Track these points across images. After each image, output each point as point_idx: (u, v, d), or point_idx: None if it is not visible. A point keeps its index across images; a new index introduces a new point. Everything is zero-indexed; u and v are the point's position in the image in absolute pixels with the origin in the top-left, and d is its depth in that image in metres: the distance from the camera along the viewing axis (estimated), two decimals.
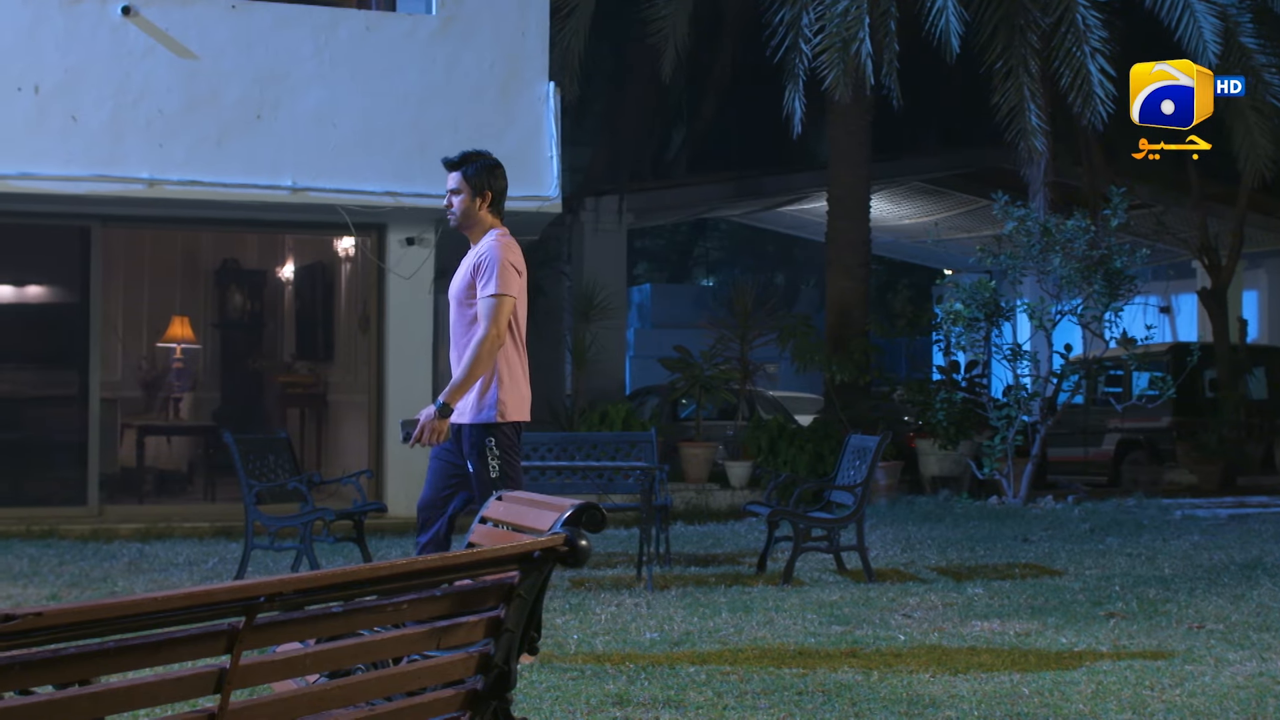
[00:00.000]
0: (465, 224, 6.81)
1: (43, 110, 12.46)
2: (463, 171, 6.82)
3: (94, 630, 2.60)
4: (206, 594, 2.76)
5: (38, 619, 2.43)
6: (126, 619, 2.62)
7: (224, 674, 2.85)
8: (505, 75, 13.49)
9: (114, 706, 2.77)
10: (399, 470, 13.57)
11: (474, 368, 6.52)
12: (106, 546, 11.83)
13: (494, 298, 6.54)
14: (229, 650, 2.84)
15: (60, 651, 2.58)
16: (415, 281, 13.82)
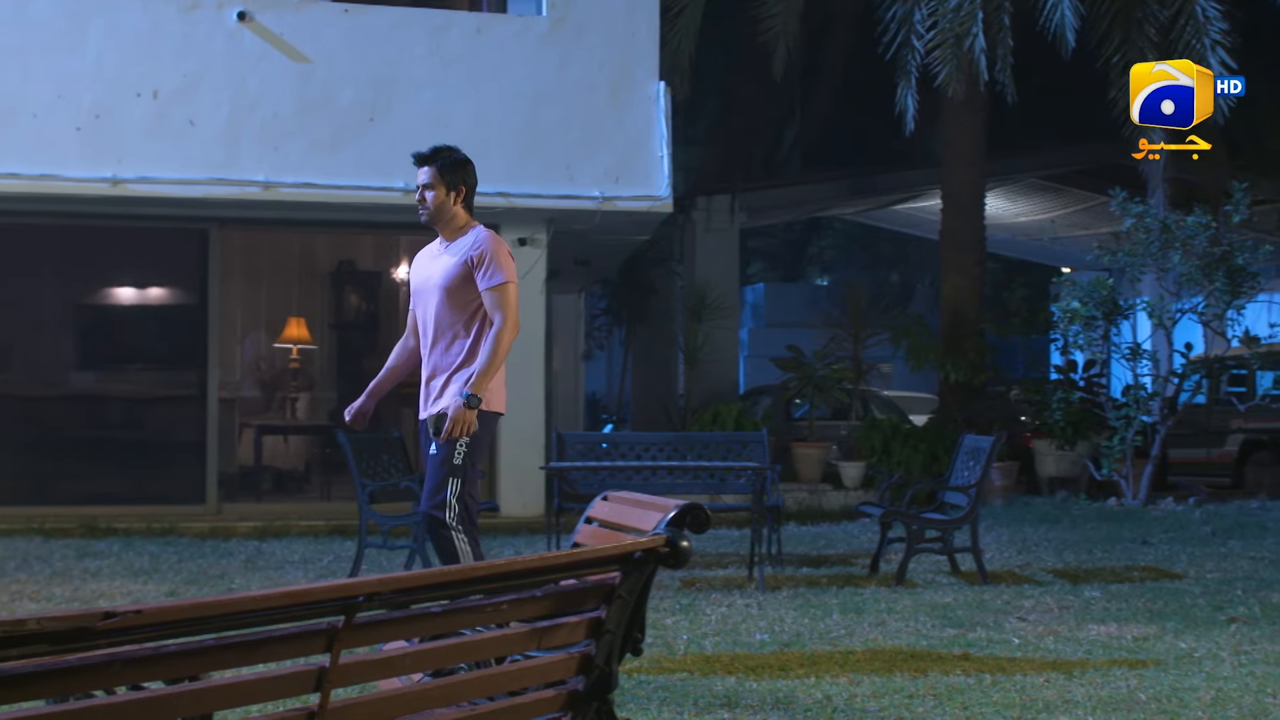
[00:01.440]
0: (438, 219, 6.65)
1: (161, 115, 12.67)
2: (436, 166, 6.66)
3: (193, 628, 2.62)
4: (305, 593, 2.77)
5: (137, 616, 2.45)
6: (225, 617, 2.64)
7: (324, 672, 2.86)
8: (616, 75, 13.49)
9: (216, 703, 2.79)
10: (511, 470, 13.63)
11: (496, 357, 6.40)
12: (224, 544, 11.99)
13: (501, 287, 6.44)
14: (328, 649, 2.85)
15: (161, 649, 2.60)
16: (527, 282, 13.78)
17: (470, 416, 6.37)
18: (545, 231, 13.83)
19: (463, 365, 6.50)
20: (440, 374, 6.57)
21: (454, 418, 6.35)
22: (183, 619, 2.56)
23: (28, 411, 14.22)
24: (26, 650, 2.38)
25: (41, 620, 2.38)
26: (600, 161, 13.38)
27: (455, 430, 6.35)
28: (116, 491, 13.73)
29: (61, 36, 12.58)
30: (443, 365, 6.57)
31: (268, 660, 2.84)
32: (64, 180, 12.46)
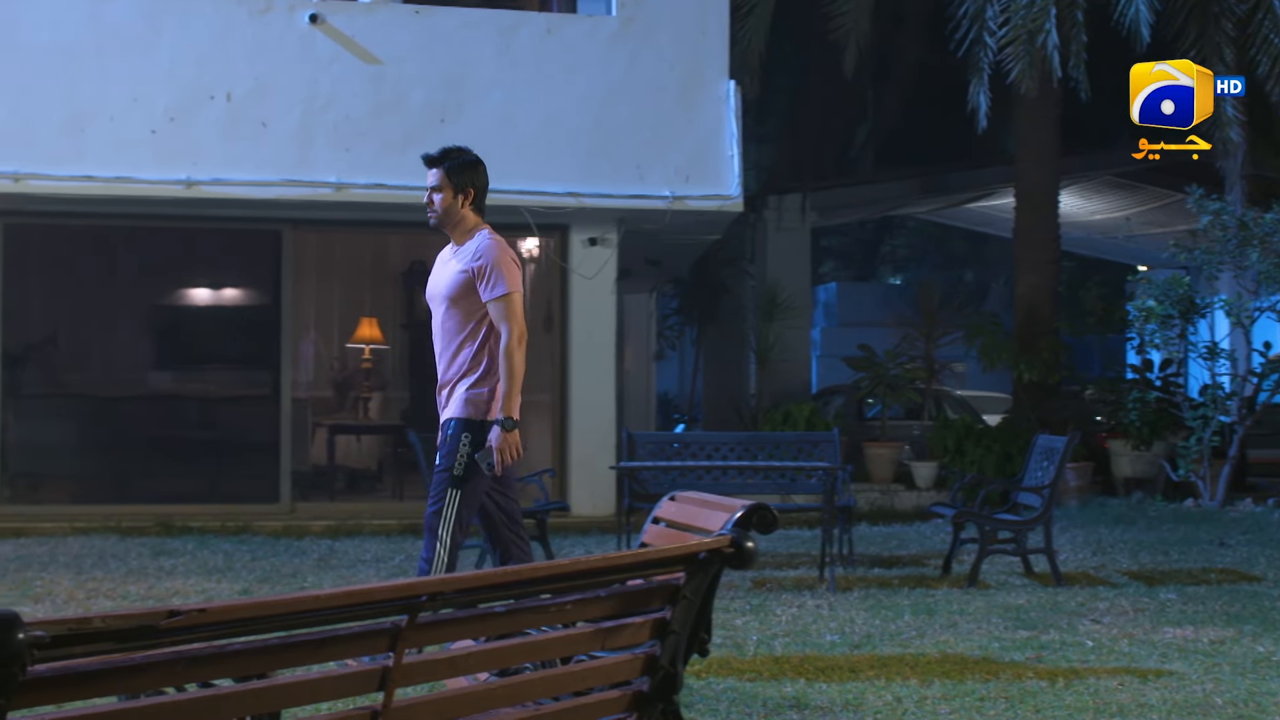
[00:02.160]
0: (447, 222, 6.52)
1: (235, 117, 12.77)
2: (444, 168, 6.53)
3: (256, 627, 2.63)
4: (368, 593, 2.78)
5: (201, 615, 2.46)
6: (289, 616, 2.64)
7: (387, 672, 2.86)
8: (686, 75, 13.47)
9: (281, 702, 2.80)
10: (582, 470, 13.64)
11: (514, 371, 6.25)
12: (297, 543, 12.07)
13: (505, 297, 6.27)
14: (392, 648, 2.85)
15: (226, 647, 2.61)
16: (598, 282, 13.87)
17: (513, 440, 6.27)
18: (616, 231, 13.84)
19: (466, 374, 6.36)
20: (447, 385, 6.45)
21: (499, 448, 6.22)
22: (246, 618, 2.57)
23: (105, 412, 14.39)
24: (92, 648, 2.40)
25: (106, 618, 2.39)
26: (670, 161, 13.37)
27: (505, 457, 6.25)
28: (192, 490, 13.86)
29: (136, 41, 12.72)
30: (449, 375, 6.44)
31: (332, 659, 2.85)
32: (139, 182, 12.59)
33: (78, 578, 9.86)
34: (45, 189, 12.53)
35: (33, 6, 12.63)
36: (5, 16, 12.57)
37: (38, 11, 12.62)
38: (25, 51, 12.50)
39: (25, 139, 12.43)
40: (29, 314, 14.01)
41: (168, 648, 2.52)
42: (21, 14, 12.60)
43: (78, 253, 14.24)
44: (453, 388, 6.39)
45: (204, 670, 2.62)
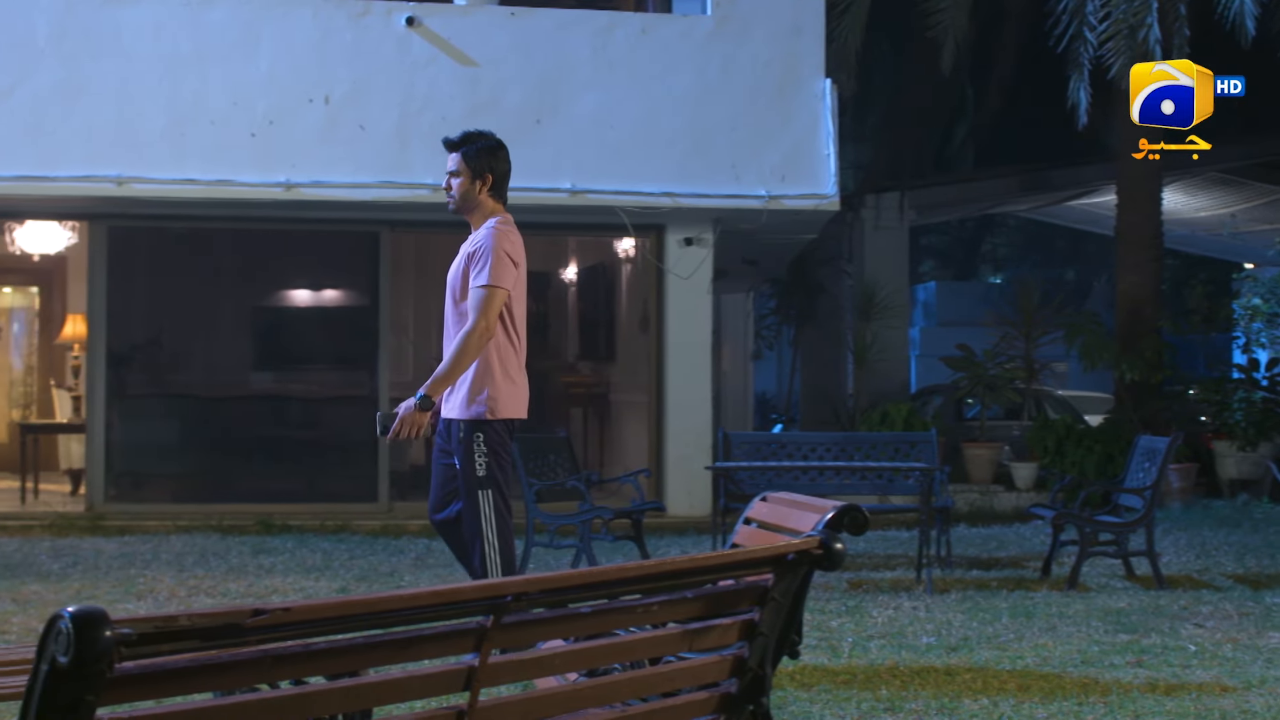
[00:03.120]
0: (465, 208, 6.39)
1: (333, 120, 12.89)
2: (462, 153, 6.37)
3: (341, 626, 2.63)
4: (453, 593, 2.77)
5: (285, 614, 2.46)
6: (373, 616, 2.65)
7: (473, 671, 2.86)
8: (781, 73, 13.42)
9: (365, 701, 2.81)
10: (678, 470, 13.63)
11: (459, 360, 6.08)
12: (395, 542, 12.15)
13: (485, 289, 6.12)
14: (477, 649, 2.85)
15: (310, 646, 2.62)
16: (694, 281, 13.85)
17: (421, 419, 6.08)
18: (711, 231, 13.81)
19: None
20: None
21: (403, 418, 6.08)
22: (330, 617, 2.58)
23: (207, 411, 14.58)
24: (178, 645, 2.41)
25: (192, 616, 2.41)
26: (766, 160, 13.32)
27: (403, 431, 6.08)
28: (291, 490, 14.00)
29: (236, 46, 12.87)
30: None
31: (417, 659, 2.85)
32: (239, 185, 12.75)
33: (179, 575, 10.00)
34: (148, 192, 12.72)
35: (136, 14, 12.82)
36: (109, 24, 12.78)
37: (140, 19, 12.82)
38: (128, 58, 12.70)
39: (128, 143, 12.63)
40: (133, 315, 14.24)
41: (254, 646, 2.53)
42: (125, 22, 12.80)
43: (179, 255, 14.44)
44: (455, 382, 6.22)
45: (289, 669, 2.63)
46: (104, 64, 12.68)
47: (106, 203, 12.99)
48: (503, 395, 6.19)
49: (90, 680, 2.30)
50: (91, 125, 12.58)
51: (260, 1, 13.04)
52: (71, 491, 14.72)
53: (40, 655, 2.30)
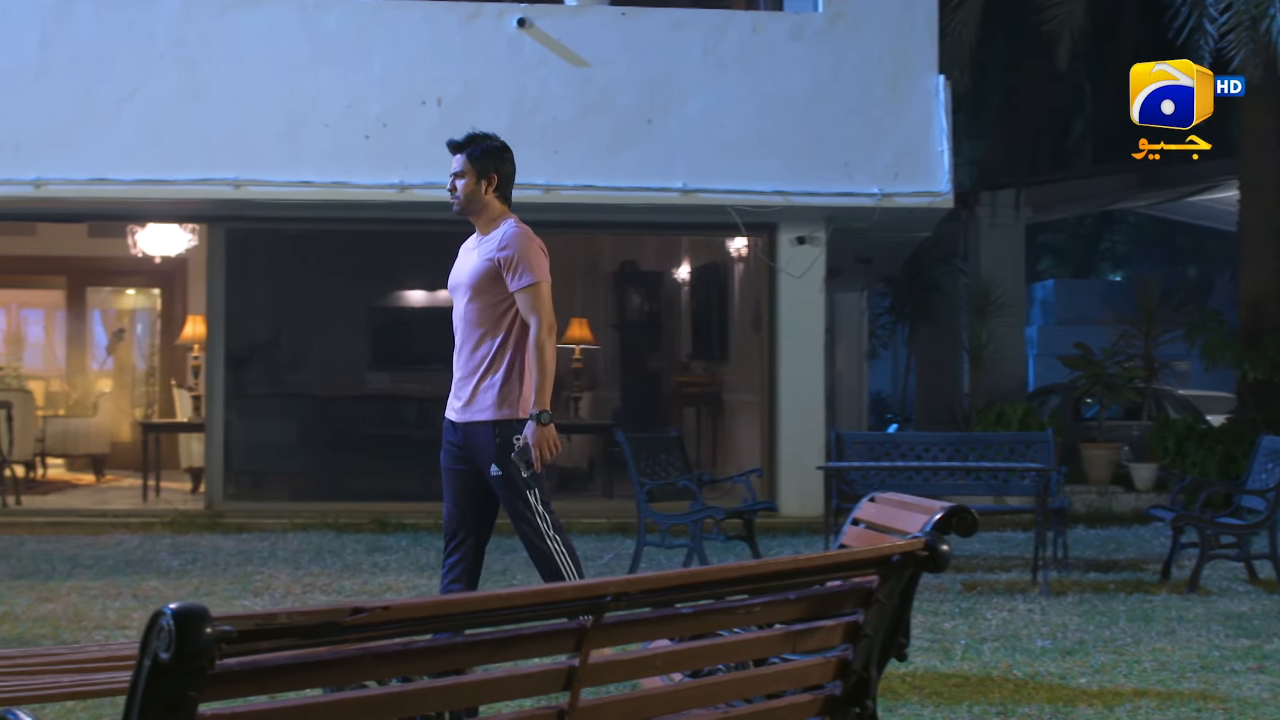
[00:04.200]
0: (470, 209, 6.27)
1: (445, 121, 12.94)
2: (467, 154, 6.24)
3: (440, 625, 2.64)
4: (553, 592, 2.77)
5: (384, 613, 2.47)
6: (472, 615, 2.65)
7: (573, 671, 2.85)
8: (894, 70, 13.30)
9: (465, 699, 2.82)
10: (790, 469, 13.55)
11: (544, 365, 5.98)
12: (508, 541, 12.11)
13: (533, 287, 6.03)
14: (577, 648, 2.84)
15: (411, 645, 2.62)
16: (806, 280, 13.77)
17: (549, 434, 6.00)
18: (824, 230, 13.73)
19: (489, 370, 6.11)
20: (469, 377, 6.18)
21: (536, 443, 5.97)
22: (429, 616, 2.58)
23: (324, 411, 14.77)
24: (279, 643, 2.43)
25: (292, 614, 2.42)
26: (879, 158, 13.21)
27: (544, 454, 6.00)
28: (406, 488, 14.12)
29: (350, 50, 13.01)
30: (470, 368, 6.18)
31: (518, 658, 2.85)
32: (354, 187, 12.88)
33: (295, 573, 10.12)
34: (264, 195, 12.90)
35: (252, 20, 13.01)
36: (226, 30, 12.98)
37: (256, 25, 13.00)
38: (244, 63, 12.90)
39: (245, 147, 12.82)
40: (251, 316, 14.45)
41: (354, 644, 2.54)
42: (241, 27, 12.99)
43: (296, 256, 14.63)
44: (474, 384, 6.14)
45: (389, 667, 2.64)
46: (221, 69, 12.88)
47: (224, 205, 13.19)
48: (524, 396, 6.09)
49: (192, 676, 2.32)
50: (209, 129, 12.78)
51: (374, 5, 13.18)
52: (192, 489, 14.97)
53: (143, 651, 2.32)
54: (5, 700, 3.51)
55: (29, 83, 12.80)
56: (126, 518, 13.05)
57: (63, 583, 9.53)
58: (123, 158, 12.72)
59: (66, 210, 13.67)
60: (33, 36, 12.90)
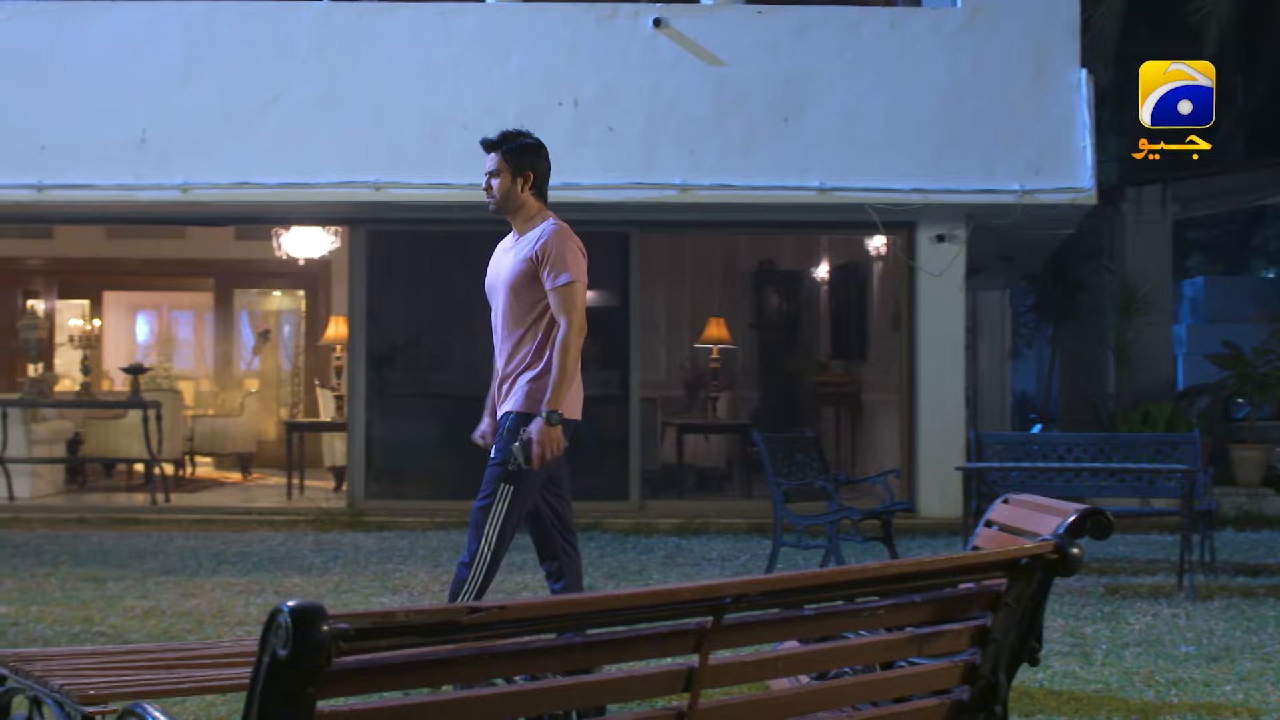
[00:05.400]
0: (506, 207, 6.16)
1: (582, 122, 13.04)
2: (502, 151, 6.15)
3: (557, 625, 2.63)
4: (672, 593, 2.75)
5: (501, 612, 2.48)
6: (590, 616, 2.64)
7: (693, 673, 2.83)
8: (1035, 65, 13.09)
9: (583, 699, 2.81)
10: (930, 470, 13.39)
11: (566, 366, 5.85)
12: (645, 540, 12.22)
13: (566, 286, 5.89)
14: (697, 649, 2.82)
15: (529, 644, 2.63)
16: (946, 279, 13.61)
17: (555, 435, 5.86)
18: (964, 227, 13.55)
19: (528, 368, 6.00)
20: (508, 378, 6.09)
21: (540, 441, 5.83)
22: (545, 616, 2.58)
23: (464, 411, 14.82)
24: (396, 641, 2.44)
25: (409, 613, 2.43)
26: (1019, 154, 13.01)
27: (547, 453, 5.86)
28: None
29: (488, 52, 13.12)
30: (509, 368, 6.09)
31: (636, 659, 2.84)
32: None
33: (434, 571, 10.22)
34: (404, 197, 13.06)
35: (392, 24, 13.19)
36: (366, 35, 13.18)
37: (396, 28, 13.18)
38: (384, 67, 13.07)
39: (385, 149, 12.99)
40: (391, 317, 14.62)
41: (472, 643, 2.55)
42: (381, 31, 13.18)
43: (436, 257, 14.76)
44: (514, 381, 6.05)
45: (507, 666, 2.64)
46: (361, 73, 13.07)
47: (365, 207, 13.38)
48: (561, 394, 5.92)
49: (309, 673, 2.34)
50: (350, 132, 12.97)
51: (511, 7, 13.28)
52: (334, 488, 15.20)
53: (262, 648, 2.35)
54: (135, 694, 3.58)
55: (175, 89, 13.10)
56: (271, 515, 13.28)
57: (208, 579, 9.73)
58: (266, 161, 12.97)
59: (212, 214, 13.97)
60: (178, 44, 13.20)
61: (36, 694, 3.83)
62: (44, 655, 4.14)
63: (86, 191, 13.04)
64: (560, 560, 6.25)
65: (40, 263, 19.20)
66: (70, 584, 9.36)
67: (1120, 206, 17.94)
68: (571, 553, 6.28)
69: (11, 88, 13.14)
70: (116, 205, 13.36)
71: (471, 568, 5.93)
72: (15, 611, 8.26)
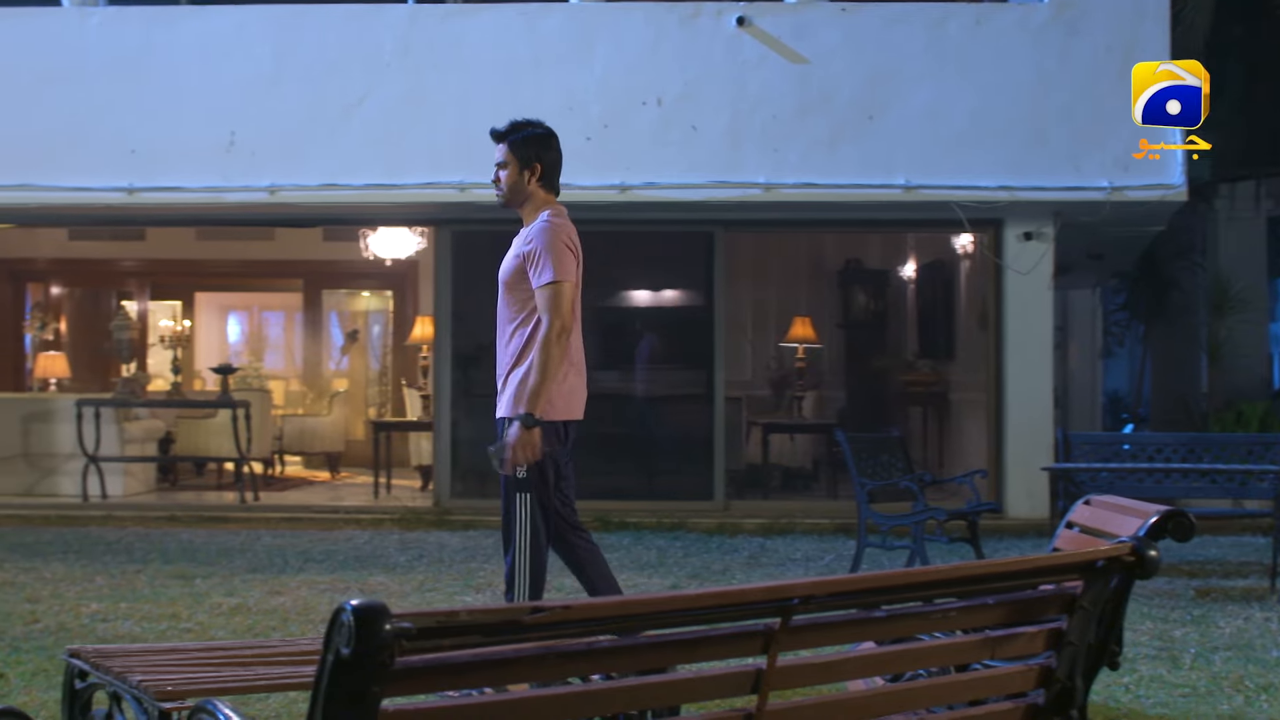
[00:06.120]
0: (514, 199, 6.02)
1: (666, 122, 13.03)
2: (509, 142, 6.02)
3: (622, 625, 2.62)
4: (738, 594, 2.73)
5: (565, 612, 2.47)
6: (655, 616, 2.63)
7: (760, 674, 2.81)
8: (1123, 59, 12.87)
9: (650, 700, 2.80)
10: (1018, 470, 13.25)
11: (546, 367, 5.70)
12: (730, 540, 12.19)
13: (551, 285, 5.75)
14: (765, 651, 2.80)
15: (594, 644, 2.62)
16: (1034, 277, 13.46)
17: (531, 437, 5.72)
18: (1052, 225, 13.39)
19: (517, 364, 5.88)
20: (502, 373, 6.00)
21: (513, 445, 5.71)
22: (610, 616, 2.57)
23: None
24: (460, 640, 2.44)
25: (472, 612, 2.44)
26: (1108, 150, 12.83)
27: (520, 458, 5.72)
28: (629, 486, 14.20)
29: (570, 52, 13.15)
30: (502, 364, 6.00)
31: (704, 660, 2.82)
32: (576, 188, 12.81)
33: None
34: (488, 197, 12.99)
35: (475, 25, 13.25)
36: (450, 36, 13.24)
37: (479, 30, 13.24)
38: (468, 68, 13.12)
39: (469, 150, 12.94)
40: (477, 317, 14.65)
41: (535, 643, 2.55)
42: (465, 32, 13.24)
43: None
44: (505, 382, 5.94)
45: (572, 666, 2.63)
46: (445, 74, 13.13)
47: (450, 208, 13.44)
48: (553, 397, 5.83)
49: (372, 671, 2.35)
50: (434, 133, 13.05)
51: (594, 7, 13.29)
52: (421, 487, 15.30)
53: (326, 646, 2.36)
54: (210, 690, 3.61)
55: (263, 92, 13.24)
56: (358, 514, 13.39)
57: (294, 577, 9.81)
58: (352, 163, 13.07)
59: (299, 215, 14.11)
60: (266, 47, 13.34)
61: (116, 690, 3.88)
62: (124, 652, 4.19)
63: (176, 194, 13.22)
64: (578, 554, 6.11)
65: (133, 264, 19.49)
66: (159, 581, 9.49)
67: (1213, 203, 17.68)
68: (589, 546, 6.14)
69: (103, 92, 13.35)
70: (205, 207, 13.52)
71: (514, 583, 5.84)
72: (105, 608, 8.38)
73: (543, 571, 5.85)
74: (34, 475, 14.61)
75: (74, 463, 14.31)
